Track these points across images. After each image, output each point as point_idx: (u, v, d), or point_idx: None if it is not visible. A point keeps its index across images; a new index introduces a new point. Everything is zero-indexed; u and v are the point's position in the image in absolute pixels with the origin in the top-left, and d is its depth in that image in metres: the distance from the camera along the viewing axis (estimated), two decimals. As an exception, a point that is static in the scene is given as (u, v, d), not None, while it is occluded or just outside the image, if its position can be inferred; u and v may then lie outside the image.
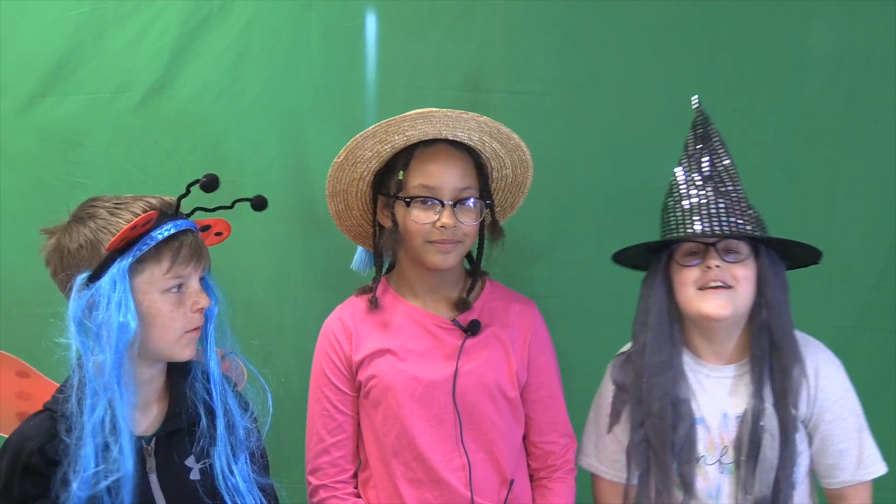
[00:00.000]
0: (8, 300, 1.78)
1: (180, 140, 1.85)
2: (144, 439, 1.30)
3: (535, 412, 1.55)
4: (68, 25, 1.80)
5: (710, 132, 1.52)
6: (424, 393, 1.47)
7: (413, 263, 1.52)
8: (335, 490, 1.53)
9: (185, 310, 1.27)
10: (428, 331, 1.51)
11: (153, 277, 1.24)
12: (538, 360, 1.55)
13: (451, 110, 1.42)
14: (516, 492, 1.51)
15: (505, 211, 1.62)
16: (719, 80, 1.93)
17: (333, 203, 1.58)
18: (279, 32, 1.86)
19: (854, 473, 1.47)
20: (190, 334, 1.28)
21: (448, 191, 1.45)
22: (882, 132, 1.95)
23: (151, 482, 1.29)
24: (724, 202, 1.44)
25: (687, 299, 1.45)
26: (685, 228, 1.44)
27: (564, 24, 1.91)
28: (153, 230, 1.23)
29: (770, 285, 1.44)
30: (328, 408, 1.53)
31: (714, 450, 1.46)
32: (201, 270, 1.30)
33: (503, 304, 1.56)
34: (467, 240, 1.48)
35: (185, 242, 1.25)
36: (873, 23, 1.93)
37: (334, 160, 1.51)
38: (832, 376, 1.47)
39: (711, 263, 1.41)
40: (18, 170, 1.81)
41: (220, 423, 1.32)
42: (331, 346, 1.54)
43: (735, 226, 1.42)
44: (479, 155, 1.50)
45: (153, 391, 1.34)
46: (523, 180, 1.57)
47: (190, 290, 1.27)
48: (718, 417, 1.47)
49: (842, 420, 1.46)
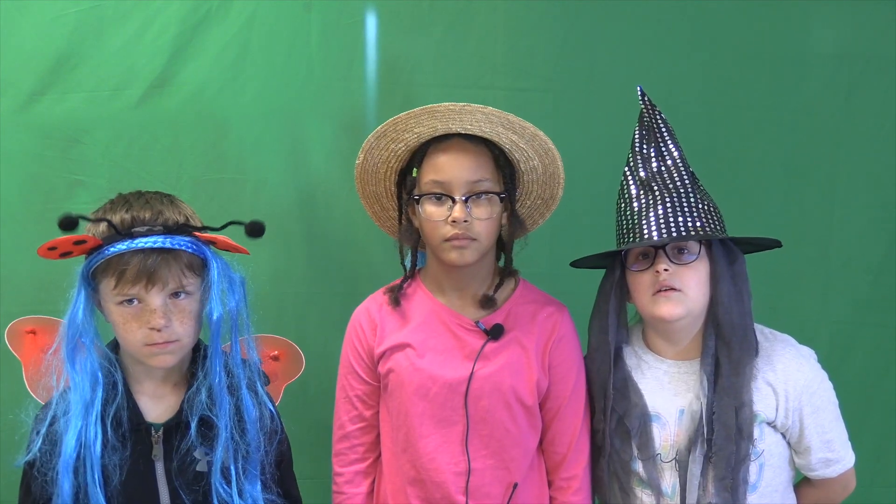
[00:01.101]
0: (8, 297, 1.78)
1: (180, 138, 1.84)
2: (154, 427, 1.32)
3: (550, 420, 1.50)
4: (68, 23, 1.80)
5: (657, 123, 1.50)
6: (438, 393, 1.45)
7: (437, 261, 1.49)
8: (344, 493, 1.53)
9: (142, 325, 1.27)
10: (450, 329, 1.48)
11: (106, 289, 1.27)
12: (560, 368, 1.49)
13: (455, 103, 1.40)
14: (526, 499, 1.48)
15: (547, 203, 1.56)
16: (719, 77, 1.94)
17: (368, 206, 1.57)
18: (279, 30, 1.86)
19: (848, 458, 1.47)
20: (150, 348, 1.28)
21: (460, 185, 1.41)
22: (881, 129, 1.96)
23: (157, 470, 1.32)
24: (671, 200, 1.42)
25: (641, 304, 1.45)
26: (633, 234, 1.43)
27: (565, 22, 1.91)
28: (106, 246, 1.25)
29: (720, 280, 1.42)
30: (350, 396, 1.53)
31: (670, 447, 1.45)
32: (164, 290, 1.27)
33: (532, 308, 1.51)
34: (484, 236, 1.43)
35: (132, 264, 1.24)
36: (873, 21, 1.94)
37: (355, 163, 1.50)
38: (803, 369, 1.44)
39: (660, 268, 1.40)
40: (18, 167, 1.80)
41: (223, 426, 1.32)
42: (356, 335, 1.53)
43: (683, 225, 1.40)
44: (497, 147, 1.45)
45: (168, 381, 1.36)
46: (554, 170, 1.50)
47: (147, 307, 1.27)
48: (675, 413, 1.46)
49: (823, 411, 1.44)
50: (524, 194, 1.54)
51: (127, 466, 1.28)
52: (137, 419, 1.32)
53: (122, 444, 1.29)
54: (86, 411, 1.27)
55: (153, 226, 1.27)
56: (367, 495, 1.54)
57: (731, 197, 1.86)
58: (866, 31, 1.94)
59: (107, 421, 1.28)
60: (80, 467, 1.25)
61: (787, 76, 1.95)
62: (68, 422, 1.27)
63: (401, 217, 1.53)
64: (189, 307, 1.30)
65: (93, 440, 1.26)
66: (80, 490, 1.25)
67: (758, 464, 1.41)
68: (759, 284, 1.52)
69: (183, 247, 1.28)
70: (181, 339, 1.30)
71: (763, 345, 1.46)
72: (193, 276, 1.30)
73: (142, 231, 1.26)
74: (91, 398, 1.27)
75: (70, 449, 1.25)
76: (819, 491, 1.49)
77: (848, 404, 1.92)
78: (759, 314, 1.53)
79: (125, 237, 1.25)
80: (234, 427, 1.33)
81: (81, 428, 1.26)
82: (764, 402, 1.42)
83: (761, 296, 1.52)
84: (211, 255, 1.31)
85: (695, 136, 1.86)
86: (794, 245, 1.94)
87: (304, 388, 1.73)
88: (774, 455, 1.43)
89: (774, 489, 1.44)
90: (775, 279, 1.94)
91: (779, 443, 1.44)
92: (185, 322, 1.29)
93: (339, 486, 1.54)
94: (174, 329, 1.28)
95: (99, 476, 1.26)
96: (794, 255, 1.95)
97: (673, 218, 1.41)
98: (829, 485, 1.48)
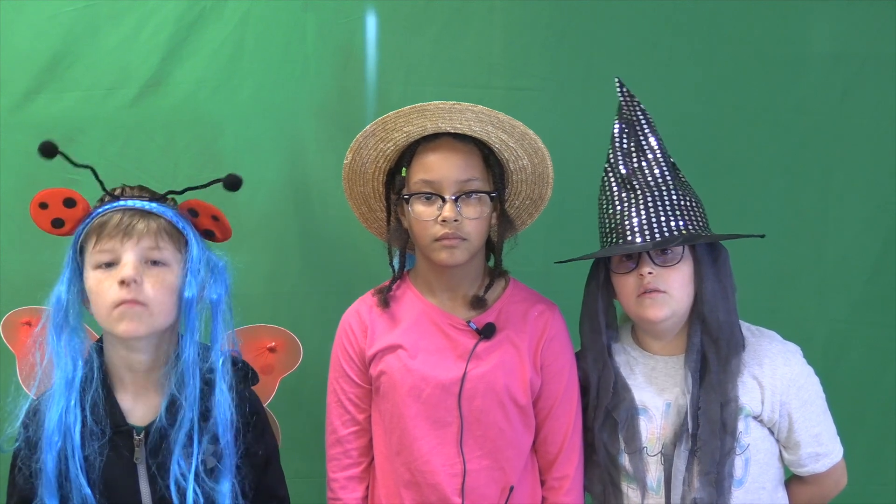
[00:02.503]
0: (4, 295, 1.78)
1: (175, 137, 1.84)
2: (136, 429, 1.32)
3: (542, 420, 1.49)
4: (63, 22, 1.80)
5: (636, 115, 1.49)
6: (431, 394, 1.44)
7: (427, 262, 1.48)
8: (339, 498, 1.52)
9: (113, 283, 1.28)
10: (441, 330, 1.47)
11: (89, 255, 1.31)
12: (552, 367, 1.49)
13: (445, 102, 1.39)
14: (520, 499, 1.48)
15: (535, 203, 1.56)
16: (716, 76, 1.94)
17: (356, 206, 1.56)
18: (274, 29, 1.86)
19: (837, 452, 1.47)
20: (119, 309, 1.27)
21: (449, 184, 1.40)
22: (878, 128, 1.96)
23: (139, 472, 1.31)
24: (653, 200, 1.42)
25: (627, 306, 1.46)
26: (615, 235, 1.43)
27: (561, 21, 1.91)
28: (89, 214, 1.33)
29: (705, 279, 1.42)
30: (342, 399, 1.52)
31: (656, 440, 1.45)
32: (138, 245, 1.29)
33: (523, 307, 1.51)
34: (474, 235, 1.42)
35: (114, 219, 1.30)
36: (870, 20, 1.94)
37: (343, 163, 1.49)
38: (790, 363, 1.44)
39: (644, 271, 1.40)
40: (13, 167, 1.80)
41: (184, 422, 1.30)
42: (346, 338, 1.52)
43: (666, 225, 1.40)
44: (487, 146, 1.45)
45: (151, 380, 1.35)
46: (543, 170, 1.49)
47: (121, 264, 1.29)
48: (662, 407, 1.46)
49: (810, 404, 1.44)
50: (513, 194, 1.54)
51: (109, 466, 1.29)
52: (118, 420, 1.32)
53: (102, 436, 1.29)
54: (68, 389, 1.28)
55: (140, 196, 1.36)
56: (363, 500, 1.53)
57: (728, 196, 1.87)
58: (863, 30, 1.94)
59: (86, 408, 1.28)
60: (63, 452, 1.26)
61: (784, 76, 1.95)
62: (51, 398, 1.29)
63: (389, 218, 1.52)
64: (163, 276, 1.31)
65: (73, 423, 1.27)
66: (63, 476, 1.26)
67: (743, 458, 1.42)
68: (756, 283, 1.52)
69: (164, 212, 1.33)
70: (150, 306, 1.29)
71: (749, 340, 1.46)
72: (171, 244, 1.33)
73: (128, 195, 1.35)
74: (72, 376, 1.30)
75: (52, 425, 1.26)
76: (811, 487, 1.49)
77: (844, 403, 1.93)
78: (755, 313, 1.54)
79: (113, 200, 1.33)
80: (197, 411, 1.31)
81: (64, 406, 1.27)
82: (749, 395, 1.42)
83: (757, 295, 1.52)
84: (193, 236, 1.35)
85: (691, 135, 1.87)
86: (790, 244, 1.95)
87: (299, 387, 1.73)
88: (761, 450, 1.43)
89: (762, 486, 1.44)
90: (771, 278, 1.95)
91: (766, 438, 1.44)
92: (157, 288, 1.29)
93: (335, 491, 1.53)
94: (145, 290, 1.28)
95: (80, 460, 1.26)
96: (790, 254, 1.96)
97: (656, 220, 1.41)
98: (821, 480, 1.48)
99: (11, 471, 1.34)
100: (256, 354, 1.54)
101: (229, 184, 1.38)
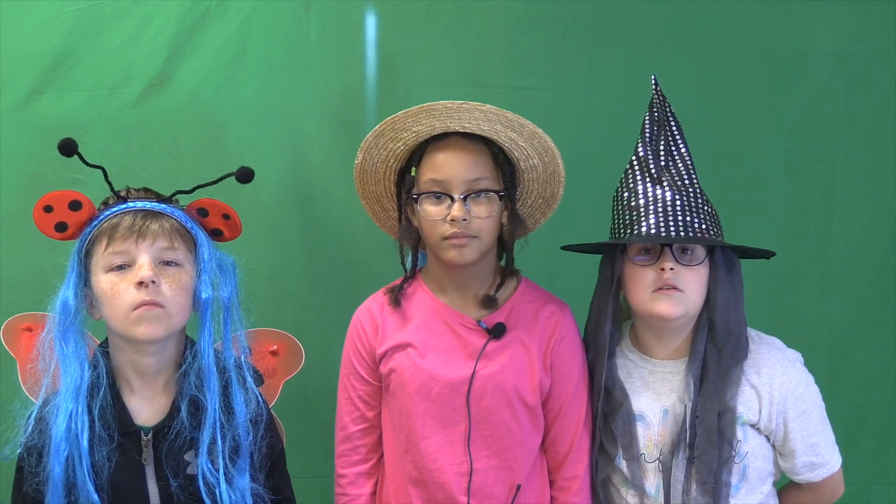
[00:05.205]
0: (6, 297, 1.78)
1: (179, 136, 1.84)
2: (143, 430, 1.32)
3: (552, 420, 1.49)
4: (66, 22, 1.80)
5: (668, 116, 1.48)
6: (440, 393, 1.44)
7: (438, 261, 1.48)
8: (347, 494, 1.52)
9: (130, 284, 1.27)
10: (452, 329, 1.47)
11: (98, 258, 1.29)
12: (562, 368, 1.48)
13: (453, 102, 1.39)
14: (528, 499, 1.47)
15: (548, 202, 1.55)
16: (719, 76, 1.94)
17: (368, 206, 1.56)
18: (277, 28, 1.86)
19: (834, 462, 1.45)
20: (138, 311, 1.26)
21: (458, 183, 1.40)
22: (881, 128, 1.96)
23: (147, 473, 1.31)
24: (681, 199, 1.41)
25: (639, 300, 1.42)
26: (639, 225, 1.40)
27: (564, 20, 1.91)
28: (101, 213, 1.32)
29: (720, 286, 1.42)
30: (352, 396, 1.52)
31: (653, 446, 1.45)
32: (154, 245, 1.29)
33: (534, 307, 1.50)
34: (483, 234, 1.42)
35: (125, 220, 1.29)
36: (873, 19, 1.94)
37: (354, 163, 1.49)
38: (789, 373, 1.42)
39: (666, 266, 1.38)
40: (16, 167, 1.80)
41: (208, 421, 1.31)
42: (357, 335, 1.53)
43: (691, 226, 1.38)
44: (496, 146, 1.44)
45: (159, 383, 1.35)
46: (554, 168, 1.48)
47: (137, 266, 1.28)
48: (659, 413, 1.45)
49: (808, 414, 1.42)
50: (525, 193, 1.53)
51: (116, 468, 1.28)
52: (126, 422, 1.31)
53: (110, 441, 1.28)
54: (76, 394, 1.27)
55: (147, 197, 1.35)
56: (371, 496, 1.53)
57: (731, 196, 1.86)
58: (866, 29, 1.94)
59: (94, 413, 1.27)
60: (70, 459, 1.25)
61: (787, 74, 1.95)
62: (58, 405, 1.27)
63: (401, 217, 1.52)
64: (178, 277, 1.30)
65: (80, 430, 1.26)
66: (70, 483, 1.25)
67: (741, 466, 1.41)
68: (759, 283, 1.52)
69: (174, 213, 1.33)
70: (168, 307, 1.28)
71: (749, 347, 1.45)
72: (183, 244, 1.32)
73: (135, 196, 1.34)
74: (80, 382, 1.28)
75: (60, 432, 1.25)
76: (807, 494, 1.48)
77: (848, 403, 1.93)
78: (758, 314, 1.53)
79: (119, 202, 1.33)
80: (221, 410, 1.32)
81: (72, 412, 1.26)
82: (747, 403, 1.41)
83: (761, 295, 1.52)
84: (203, 237, 1.35)
85: (694, 135, 1.85)
86: (793, 244, 1.95)
87: (304, 388, 1.73)
88: (758, 457, 1.43)
89: (759, 491, 1.44)
90: (775, 278, 1.94)
91: (762, 445, 1.43)
92: (174, 289, 1.29)
93: (343, 487, 1.53)
94: (162, 291, 1.28)
95: (88, 466, 1.25)
96: (793, 254, 1.95)
97: (682, 217, 1.39)
98: (817, 489, 1.47)
99: (16, 478, 1.33)
100: (259, 358, 1.54)
101: (241, 176, 1.39)
